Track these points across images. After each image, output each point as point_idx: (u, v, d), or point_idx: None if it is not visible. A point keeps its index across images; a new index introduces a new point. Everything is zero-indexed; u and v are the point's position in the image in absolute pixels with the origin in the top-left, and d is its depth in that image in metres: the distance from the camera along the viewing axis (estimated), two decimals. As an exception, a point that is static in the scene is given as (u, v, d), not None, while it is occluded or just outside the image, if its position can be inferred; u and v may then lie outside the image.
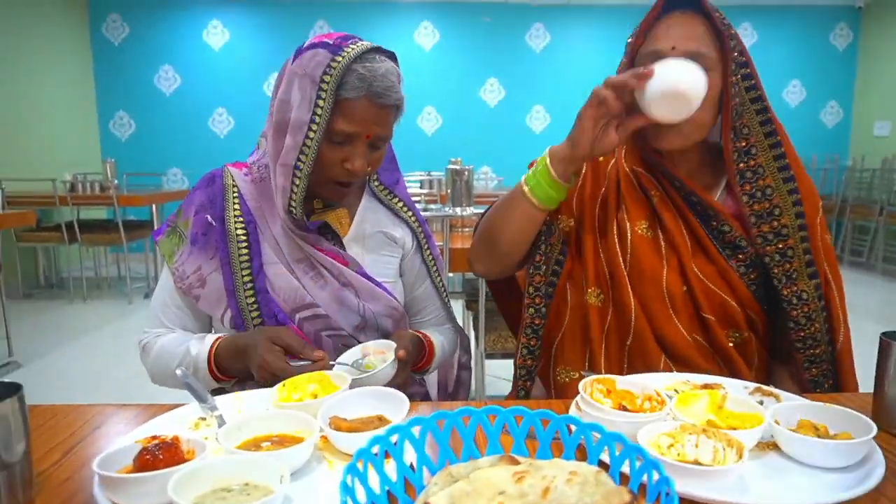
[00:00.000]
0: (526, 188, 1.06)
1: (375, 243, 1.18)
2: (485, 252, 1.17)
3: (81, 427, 0.84)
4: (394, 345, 1.01)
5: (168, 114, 6.60)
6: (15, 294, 4.93)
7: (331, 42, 1.01)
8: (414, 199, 1.30)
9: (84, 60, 6.39)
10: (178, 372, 0.90)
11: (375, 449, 0.58)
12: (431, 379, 1.32)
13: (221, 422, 0.80)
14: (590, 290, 1.13)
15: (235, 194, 1.14)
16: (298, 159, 1.01)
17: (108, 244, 5.05)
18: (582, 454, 0.64)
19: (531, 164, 1.10)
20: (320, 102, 0.98)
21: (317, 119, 0.99)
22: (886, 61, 6.57)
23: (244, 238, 1.10)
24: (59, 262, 5.71)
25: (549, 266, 1.15)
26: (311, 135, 0.99)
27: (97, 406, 0.90)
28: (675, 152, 1.08)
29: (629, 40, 1.10)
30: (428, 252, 1.25)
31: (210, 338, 1.07)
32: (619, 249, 1.10)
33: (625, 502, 0.48)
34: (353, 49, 1.00)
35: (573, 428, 0.62)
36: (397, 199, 1.23)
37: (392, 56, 1.07)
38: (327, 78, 0.98)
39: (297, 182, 1.03)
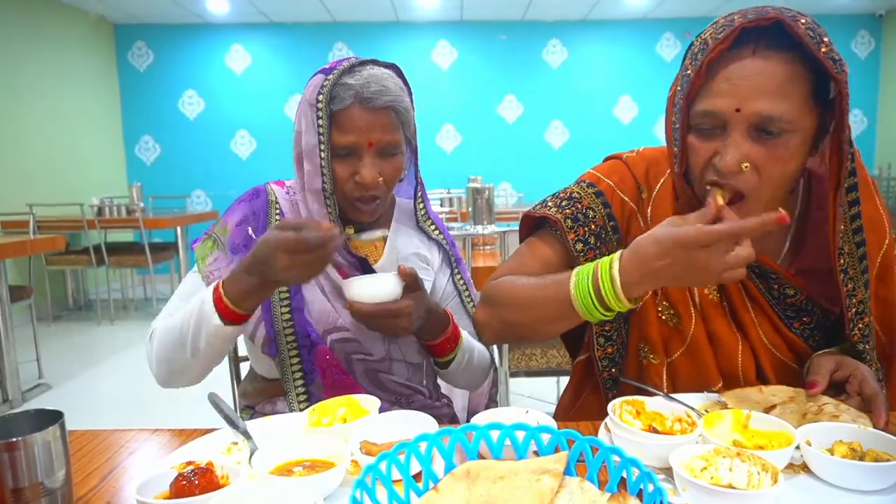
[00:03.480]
0: (576, 304, 0.85)
1: (407, 258, 1.17)
2: (504, 333, 1.04)
3: (117, 452, 0.85)
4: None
5: (192, 137, 6.74)
6: (45, 316, 5.03)
7: (328, 66, 1.05)
8: None
9: (111, 87, 6.56)
10: (211, 401, 0.91)
11: (383, 465, 0.59)
12: (460, 403, 1.31)
13: (254, 446, 0.81)
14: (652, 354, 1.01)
15: (277, 211, 1.15)
16: (322, 181, 1.03)
17: (135, 266, 5.14)
18: (604, 475, 0.64)
19: (588, 269, 0.85)
20: (320, 122, 1.01)
21: (322, 138, 1.01)
22: (910, 68, 6.48)
23: None
24: (87, 284, 5.82)
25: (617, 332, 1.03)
26: (323, 155, 1.02)
27: (132, 431, 0.92)
28: None
29: (679, 91, 0.90)
30: (458, 274, 1.23)
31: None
32: (691, 314, 0.98)
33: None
34: (343, 66, 1.03)
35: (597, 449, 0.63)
36: (429, 220, 1.23)
37: (391, 66, 1.08)
38: (321, 97, 1.01)
39: (329, 203, 1.05)
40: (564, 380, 3.15)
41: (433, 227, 1.23)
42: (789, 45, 0.81)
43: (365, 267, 1.10)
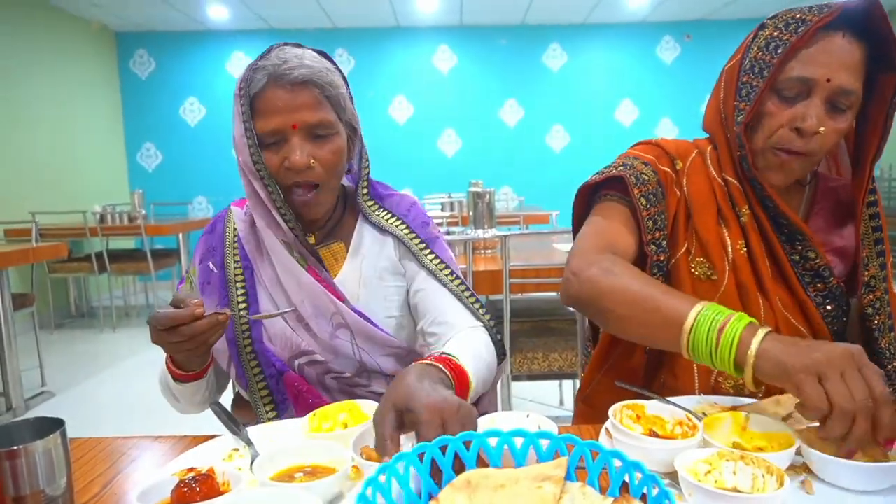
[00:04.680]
0: (685, 351, 0.82)
1: (373, 274, 1.10)
2: (589, 309, 0.96)
3: (119, 460, 0.85)
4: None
5: (193, 144, 6.76)
6: (47, 324, 5.04)
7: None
8: (435, 220, 1.24)
9: (112, 94, 6.59)
10: (214, 407, 0.91)
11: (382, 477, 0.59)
12: None
13: (255, 453, 0.80)
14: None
15: (235, 236, 1.12)
16: (258, 170, 0.98)
17: (137, 273, 5.15)
18: (605, 480, 0.64)
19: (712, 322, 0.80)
20: (243, 109, 0.97)
21: (247, 125, 0.97)
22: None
23: (242, 285, 1.08)
24: (89, 291, 5.83)
25: None
26: (250, 142, 0.97)
27: (133, 438, 0.92)
28: None
29: (762, 55, 0.98)
30: (430, 254, 1.11)
31: None
32: (725, 266, 1.03)
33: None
34: (264, 52, 1.00)
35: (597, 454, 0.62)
36: (383, 210, 1.14)
37: (319, 52, 1.03)
38: (242, 84, 0.98)
39: (272, 191, 0.99)
40: (567, 383, 3.15)
41: (387, 215, 1.14)
42: (864, 34, 0.94)
43: (322, 272, 1.06)
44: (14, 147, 5.08)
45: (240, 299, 1.07)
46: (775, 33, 0.98)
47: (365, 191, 1.13)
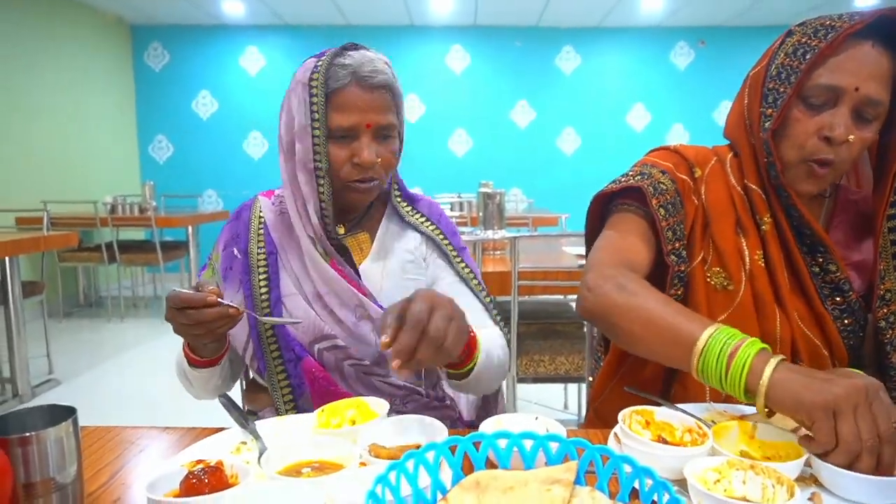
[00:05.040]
0: (696, 373, 0.82)
1: (396, 266, 1.14)
2: (604, 324, 0.96)
3: (128, 449, 0.86)
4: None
5: (205, 137, 6.79)
6: (56, 312, 5.07)
7: (318, 53, 1.05)
8: None
9: (126, 86, 6.63)
10: (221, 399, 0.91)
11: (392, 475, 0.59)
12: (465, 403, 1.27)
13: (262, 446, 0.81)
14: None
15: (261, 224, 1.14)
16: (315, 161, 1.02)
17: (146, 264, 5.18)
18: (614, 485, 0.63)
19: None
20: (314, 100, 1.00)
21: (316, 116, 1.00)
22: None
23: (264, 270, 1.10)
24: (98, 281, 5.87)
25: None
26: (317, 132, 1.00)
27: (142, 429, 0.92)
28: None
29: (790, 62, 0.97)
30: (461, 263, 1.17)
31: None
32: (742, 277, 1.03)
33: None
34: (334, 49, 1.03)
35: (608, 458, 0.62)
36: (418, 213, 1.19)
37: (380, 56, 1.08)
38: (315, 76, 1.00)
39: (322, 184, 1.03)
40: (572, 387, 3.14)
41: (422, 219, 1.19)
42: (892, 48, 0.93)
43: (347, 259, 1.09)
44: (27, 136, 5.12)
45: (261, 283, 1.09)
46: (803, 39, 0.97)
47: (398, 192, 1.18)
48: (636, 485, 0.60)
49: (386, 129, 1.04)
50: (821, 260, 1.02)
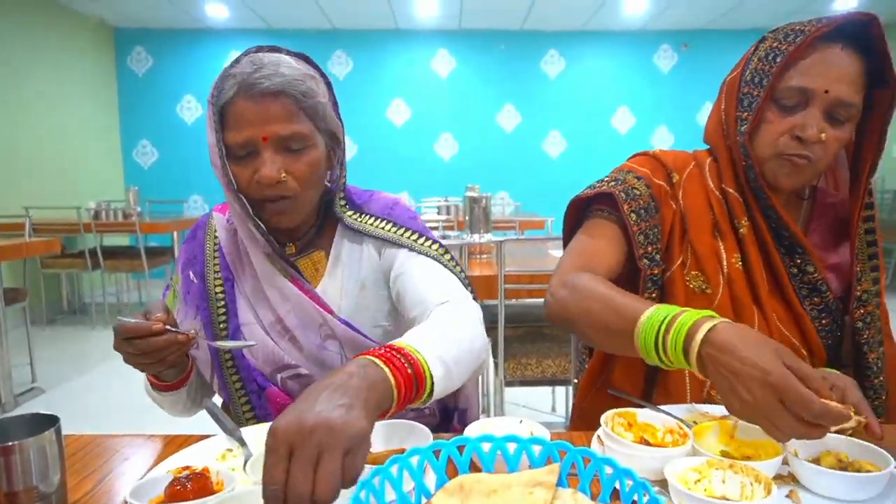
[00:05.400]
0: (640, 347, 0.81)
1: (353, 285, 1.06)
2: (568, 325, 0.96)
3: (112, 457, 0.85)
4: None
5: (190, 142, 6.75)
6: (39, 320, 5.01)
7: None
8: (430, 225, 1.22)
9: (109, 91, 6.57)
10: (208, 404, 0.91)
11: (376, 480, 0.59)
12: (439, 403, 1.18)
13: (248, 453, 0.81)
14: None
15: (216, 244, 1.08)
16: (228, 181, 0.94)
17: (130, 271, 5.13)
18: (596, 487, 0.64)
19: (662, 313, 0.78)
20: (214, 118, 0.92)
21: (218, 135, 0.92)
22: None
23: (222, 297, 1.04)
24: (82, 288, 5.81)
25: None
26: (221, 152, 0.93)
27: (126, 436, 0.92)
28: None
29: (762, 66, 1.00)
30: (427, 241, 1.06)
31: None
32: (720, 280, 1.04)
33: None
34: (239, 56, 0.94)
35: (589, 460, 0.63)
36: (366, 216, 1.07)
37: (300, 55, 0.99)
38: (213, 92, 0.92)
39: (243, 202, 0.95)
40: (560, 389, 3.16)
41: (371, 220, 1.07)
42: (863, 48, 0.95)
43: (305, 283, 1.03)
44: (9, 140, 5.06)
45: (220, 311, 1.04)
46: (774, 44, 0.99)
47: (343, 201, 1.07)
48: (617, 486, 0.61)
49: (290, 139, 0.92)
50: (799, 261, 1.04)
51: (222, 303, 1.04)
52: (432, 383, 0.71)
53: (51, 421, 0.68)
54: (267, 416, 1.02)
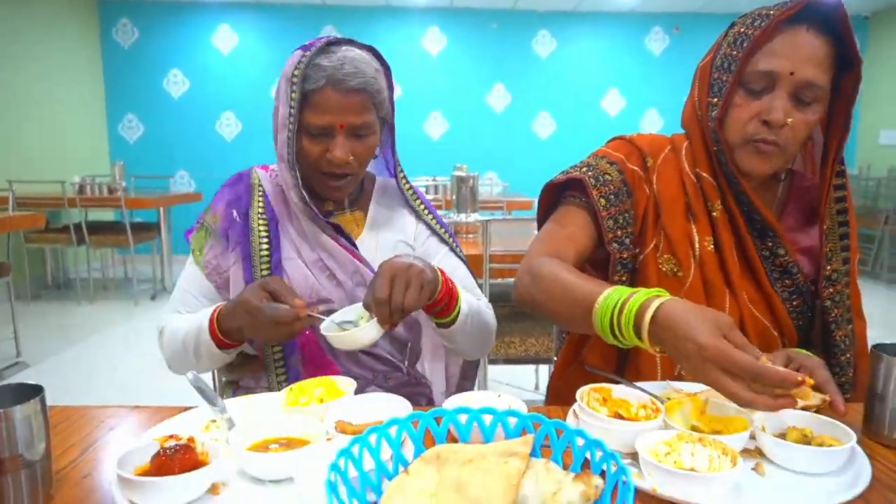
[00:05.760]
0: (598, 329, 0.84)
1: (389, 242, 1.20)
2: (535, 308, 1.00)
3: (97, 427, 0.87)
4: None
5: (176, 117, 6.67)
6: (23, 295, 4.97)
7: (308, 43, 1.07)
8: None
9: (94, 64, 6.46)
10: (189, 376, 0.92)
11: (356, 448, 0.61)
12: (439, 388, 1.31)
13: (231, 424, 0.82)
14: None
15: (261, 193, 1.18)
16: (289, 153, 1.07)
17: (116, 246, 5.10)
18: (569, 458, 0.67)
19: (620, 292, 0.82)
20: (292, 97, 1.03)
21: (292, 111, 1.04)
22: (893, 70, 6.58)
23: (265, 234, 1.14)
24: (66, 263, 5.76)
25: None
26: (291, 127, 1.05)
27: (111, 408, 0.93)
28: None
29: (730, 51, 1.01)
30: (458, 247, 1.26)
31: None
32: (691, 263, 1.06)
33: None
34: (320, 44, 1.05)
35: (562, 432, 0.65)
36: (419, 200, 1.26)
37: (369, 49, 1.11)
38: (296, 72, 1.03)
39: (294, 174, 1.08)
40: (543, 368, 3.20)
41: (422, 206, 1.26)
42: (829, 30, 0.95)
43: (345, 236, 1.14)
44: (-9, 113, 4.97)
45: (262, 247, 1.12)
46: (742, 29, 1.00)
47: (404, 180, 1.24)
48: (588, 456, 0.63)
49: (360, 128, 1.07)
50: (770, 244, 1.06)
51: (265, 238, 1.13)
52: (458, 313, 1.07)
53: (35, 390, 0.69)
54: (292, 346, 1.11)
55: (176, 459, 0.68)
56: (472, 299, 1.16)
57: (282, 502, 0.68)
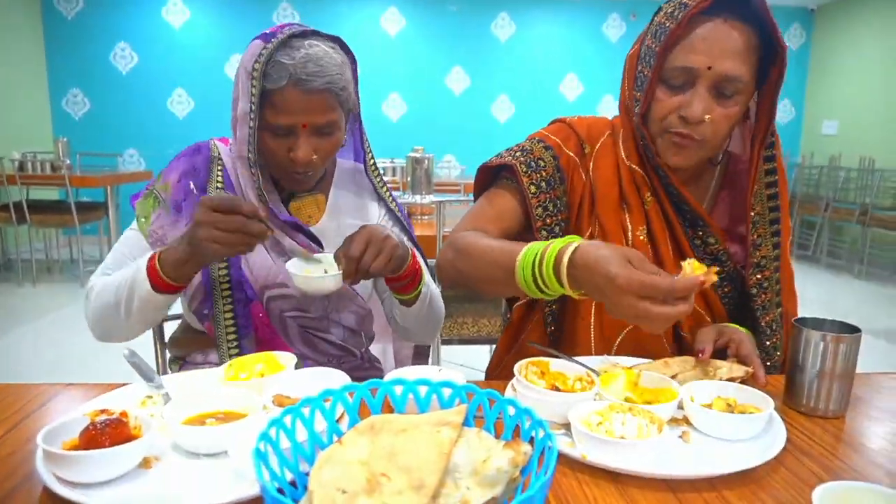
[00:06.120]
0: (518, 279, 0.87)
1: (349, 228, 1.16)
2: (460, 281, 1.04)
3: (27, 404, 0.84)
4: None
5: (125, 93, 6.42)
6: (-40, 275, 4.76)
7: (269, 32, 1.02)
8: None
9: (35, 34, 6.15)
10: (125, 352, 0.91)
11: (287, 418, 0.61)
12: (389, 363, 1.32)
13: (167, 399, 0.81)
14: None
15: (220, 167, 1.14)
16: (249, 151, 1.04)
17: (60, 226, 4.91)
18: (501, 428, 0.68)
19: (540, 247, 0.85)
20: (253, 93, 0.99)
21: (252, 108, 1.00)
22: (836, 62, 6.82)
23: None
24: (7, 243, 5.53)
25: None
26: (252, 124, 1.01)
27: (43, 385, 0.90)
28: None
29: (651, 43, 1.00)
30: (406, 228, 1.26)
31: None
32: None
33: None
34: (280, 37, 0.99)
35: (494, 402, 0.67)
36: (385, 188, 1.26)
37: (334, 40, 1.06)
38: (256, 66, 0.98)
39: (254, 172, 1.05)
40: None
41: (389, 195, 1.26)
42: (749, 19, 0.93)
43: (298, 228, 1.10)
44: (-78, 84, 4.70)
45: None
46: (662, 20, 0.98)
47: (374, 169, 1.24)
48: (519, 425, 0.65)
49: (324, 127, 1.04)
50: (700, 233, 1.07)
51: None
52: (419, 292, 1.12)
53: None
54: (247, 327, 1.10)
55: (106, 434, 0.67)
56: (432, 284, 1.20)
57: (216, 476, 0.68)
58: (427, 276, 1.16)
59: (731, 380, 0.89)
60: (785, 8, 7.02)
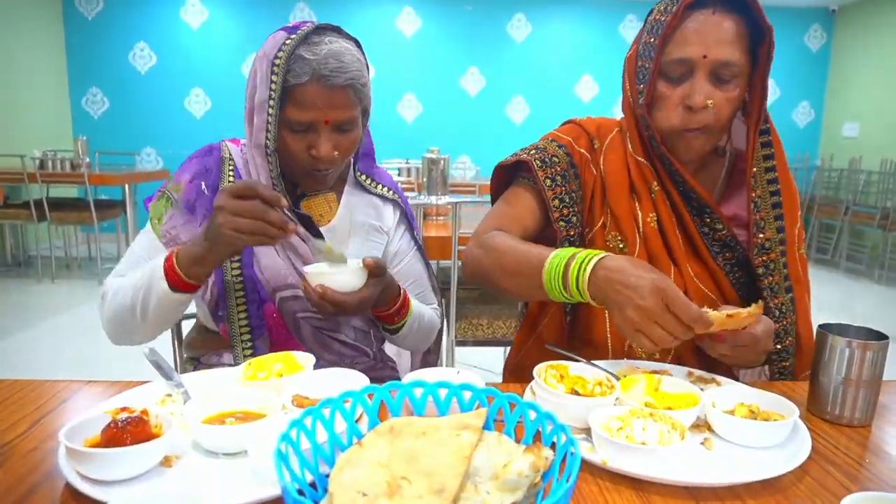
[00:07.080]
0: (545, 286, 0.92)
1: (361, 228, 1.20)
2: (484, 281, 1.07)
3: (48, 401, 0.85)
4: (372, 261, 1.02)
5: (143, 92, 6.49)
6: (-19, 272, 4.84)
7: (291, 25, 1.04)
8: None
9: (56, 34, 6.23)
10: (145, 350, 0.91)
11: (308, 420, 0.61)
12: (404, 363, 1.35)
13: (186, 398, 0.82)
14: None
15: (231, 167, 1.14)
16: (266, 138, 1.03)
17: (79, 223, 4.97)
18: (521, 432, 0.68)
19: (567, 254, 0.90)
20: (273, 84, 0.99)
21: (272, 94, 1.00)
22: (857, 63, 6.72)
23: None
24: (27, 240, 5.60)
25: None
26: (272, 112, 1.01)
27: (63, 381, 0.91)
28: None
29: (649, 39, 1.05)
30: (413, 230, 1.27)
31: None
32: (636, 238, 1.10)
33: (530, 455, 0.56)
34: (302, 31, 1.00)
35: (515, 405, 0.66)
36: (380, 185, 1.25)
37: (352, 40, 1.07)
38: (280, 56, 0.99)
39: (271, 161, 1.05)
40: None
41: (383, 188, 1.25)
42: (737, 8, 0.99)
43: (308, 226, 1.09)
44: (-54, 83, 4.77)
45: None
46: (657, 16, 1.04)
47: (358, 167, 1.22)
48: (540, 429, 0.64)
49: (345, 123, 1.04)
50: (708, 220, 1.09)
51: None
52: (403, 325, 1.15)
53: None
54: (260, 328, 1.10)
55: (128, 431, 0.68)
56: (422, 308, 1.21)
57: (236, 475, 0.68)
58: (415, 307, 1.17)
59: (736, 330, 0.89)
60: (805, 9, 6.93)
